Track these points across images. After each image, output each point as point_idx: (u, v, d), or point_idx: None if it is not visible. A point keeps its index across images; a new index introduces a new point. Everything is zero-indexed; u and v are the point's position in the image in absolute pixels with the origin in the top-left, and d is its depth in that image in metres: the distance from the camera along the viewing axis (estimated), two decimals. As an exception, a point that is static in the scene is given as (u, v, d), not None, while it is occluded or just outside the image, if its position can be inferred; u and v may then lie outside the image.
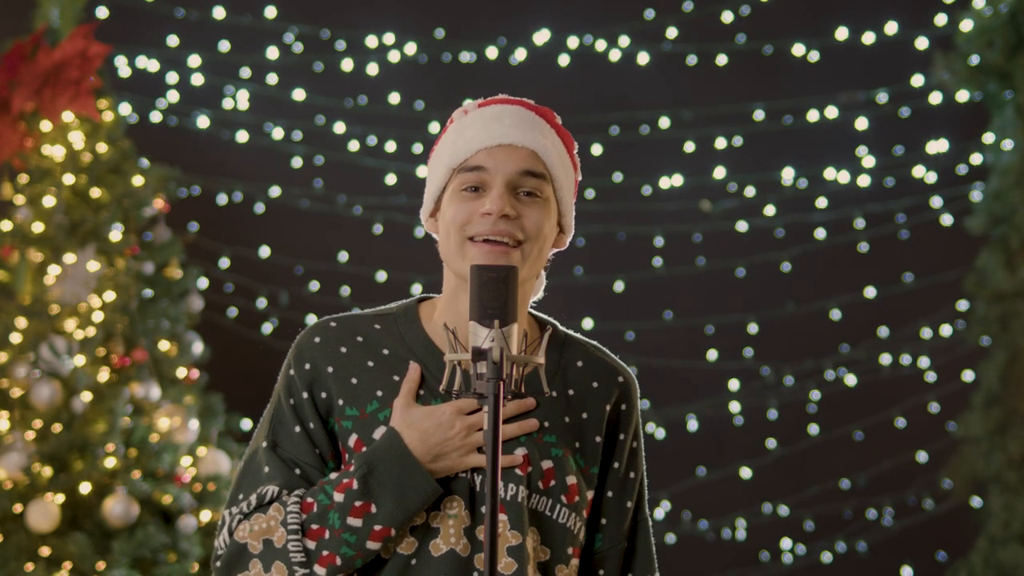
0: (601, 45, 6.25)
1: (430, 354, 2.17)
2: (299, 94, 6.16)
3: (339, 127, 6.20)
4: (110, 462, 4.73)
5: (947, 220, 6.34)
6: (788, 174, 6.30)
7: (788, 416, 6.32)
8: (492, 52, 6.22)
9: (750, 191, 6.32)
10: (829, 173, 6.30)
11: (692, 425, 6.30)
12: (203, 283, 5.93)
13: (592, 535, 2.20)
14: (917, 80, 6.25)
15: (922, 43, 6.24)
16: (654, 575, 2.23)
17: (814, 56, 6.28)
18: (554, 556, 2.15)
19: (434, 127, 6.24)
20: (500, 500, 2.08)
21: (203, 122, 6.10)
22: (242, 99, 6.16)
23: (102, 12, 5.94)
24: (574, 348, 2.22)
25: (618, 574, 2.21)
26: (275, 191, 6.20)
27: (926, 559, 6.36)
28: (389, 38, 6.20)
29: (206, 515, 4.93)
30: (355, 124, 6.22)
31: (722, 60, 6.31)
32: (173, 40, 6.11)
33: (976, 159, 6.26)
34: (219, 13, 6.12)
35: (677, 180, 6.26)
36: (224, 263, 6.17)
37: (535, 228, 2.11)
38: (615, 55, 6.25)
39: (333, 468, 2.15)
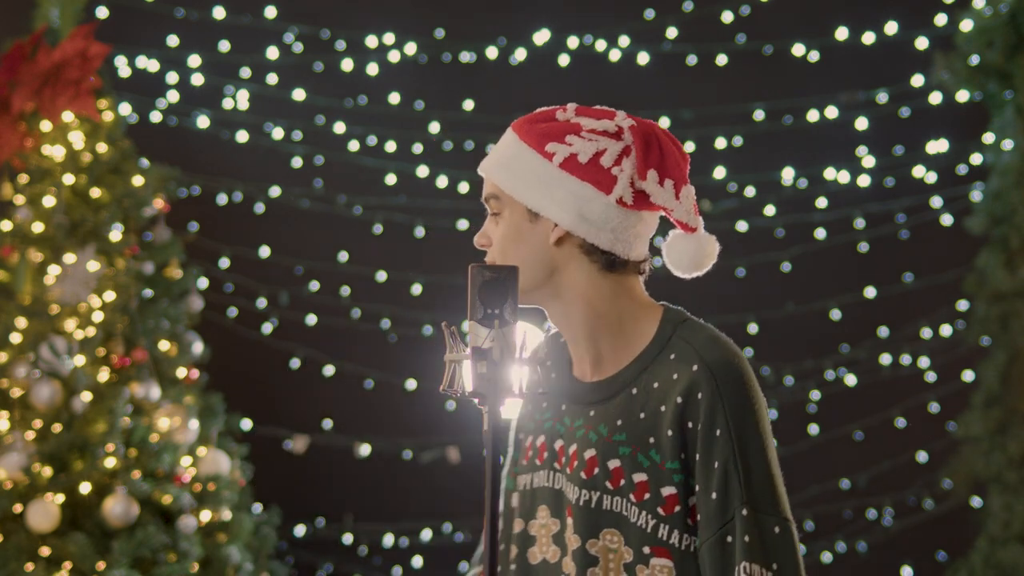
0: (601, 45, 6.25)
1: (563, 363, 2.33)
2: (299, 94, 6.16)
3: (339, 127, 6.20)
4: (110, 462, 4.73)
5: (947, 220, 6.34)
6: (788, 174, 6.30)
7: (788, 416, 6.32)
8: (492, 52, 6.22)
9: (750, 191, 6.32)
10: (829, 173, 6.29)
11: (692, 425, 6.30)
12: (203, 283, 5.93)
13: (698, 533, 2.14)
14: (917, 80, 6.25)
15: (922, 43, 6.24)
16: (742, 563, 2.08)
17: (814, 56, 6.28)
18: (635, 556, 2.15)
19: (434, 127, 6.24)
20: (568, 503, 2.18)
21: (203, 122, 6.10)
22: (242, 99, 6.16)
23: (102, 12, 5.94)
24: (676, 342, 2.19)
25: (714, 571, 2.11)
26: (275, 191, 6.20)
27: (926, 559, 6.36)
28: (389, 38, 6.20)
29: (206, 515, 4.93)
30: (355, 124, 6.22)
31: (722, 60, 6.31)
32: (173, 40, 6.11)
33: (976, 159, 6.26)
34: (219, 13, 6.12)
35: (677, 180, 6.25)
36: (224, 263, 6.17)
37: (498, 247, 2.24)
38: (615, 55, 6.25)
39: None
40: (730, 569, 2.08)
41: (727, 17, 6.28)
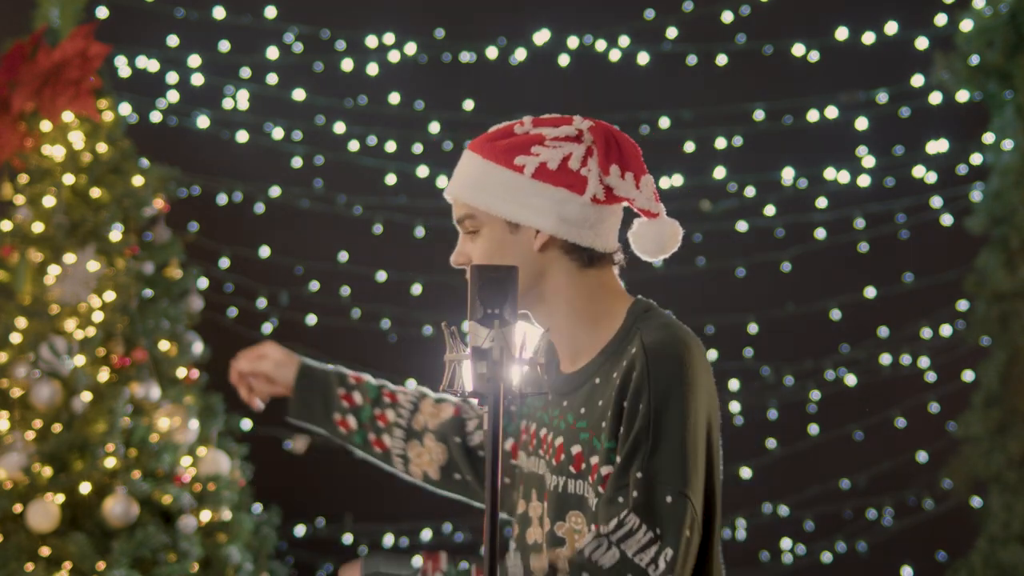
0: (601, 45, 6.25)
1: (551, 353, 2.40)
2: (299, 94, 6.16)
3: (339, 127, 6.20)
4: (110, 462, 4.73)
5: (947, 220, 6.34)
6: (788, 174, 6.30)
7: (788, 416, 6.32)
8: (492, 52, 6.22)
9: (750, 191, 6.32)
10: (829, 173, 6.30)
11: (692, 425, 6.29)
12: (203, 283, 5.93)
13: None
14: (917, 80, 6.25)
15: (922, 43, 6.24)
16: (621, 514, 2.13)
17: (814, 56, 6.28)
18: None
19: (434, 127, 6.24)
20: (546, 490, 2.31)
21: (203, 122, 6.10)
22: (242, 99, 6.16)
23: (102, 12, 5.94)
24: (635, 331, 2.27)
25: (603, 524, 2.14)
26: (275, 191, 6.20)
27: (926, 559, 6.36)
28: (389, 38, 6.20)
29: (206, 515, 4.93)
30: (355, 124, 6.22)
31: (722, 60, 6.31)
32: (173, 40, 6.11)
33: (976, 159, 6.26)
34: (219, 13, 6.12)
35: (677, 180, 6.26)
36: (224, 263, 6.17)
37: (483, 261, 2.30)
38: (615, 55, 6.25)
39: None
40: (614, 518, 2.12)
41: (727, 17, 6.28)
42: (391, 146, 6.23)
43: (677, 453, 2.15)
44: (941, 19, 6.24)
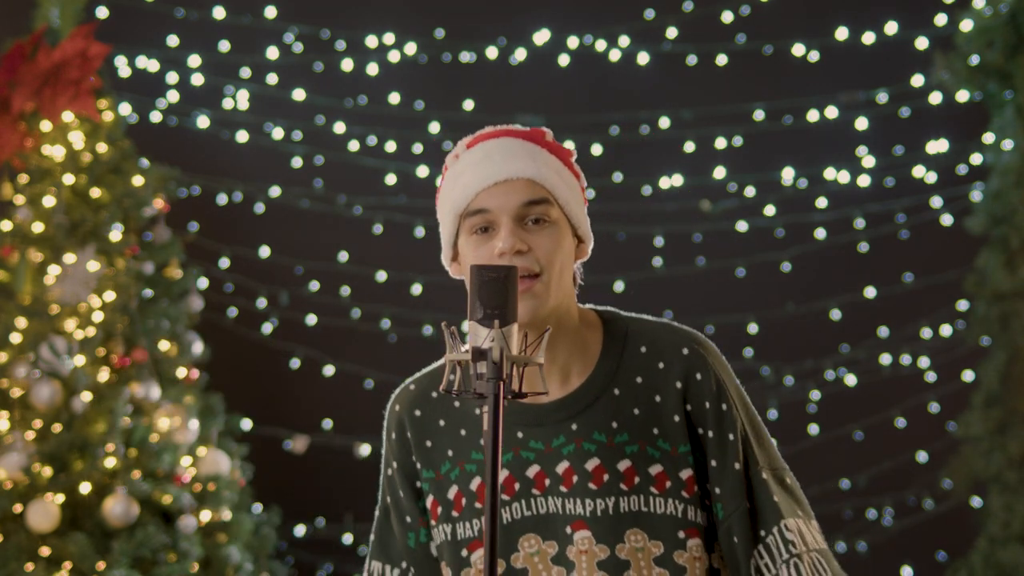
0: (601, 45, 6.24)
1: None
2: (299, 94, 6.16)
3: (339, 127, 6.19)
4: (110, 462, 4.73)
5: (947, 220, 6.34)
6: (788, 174, 6.30)
7: (788, 416, 6.32)
8: (492, 52, 6.22)
9: (750, 191, 6.31)
10: (829, 173, 6.29)
11: (692, 425, 6.29)
12: (203, 283, 5.93)
13: (715, 508, 2.21)
14: (917, 80, 6.25)
15: (922, 43, 6.24)
16: (781, 521, 2.19)
17: (814, 56, 6.28)
18: (667, 547, 2.18)
19: (434, 127, 6.24)
20: (582, 518, 2.18)
21: (203, 122, 6.10)
22: (242, 99, 6.16)
23: (102, 12, 5.94)
24: (636, 337, 2.23)
25: (749, 535, 2.19)
26: (275, 191, 6.20)
27: (926, 559, 6.36)
28: (389, 38, 6.20)
29: (206, 515, 4.93)
30: (355, 124, 6.22)
31: (722, 60, 6.31)
32: (173, 40, 6.11)
33: (976, 159, 6.26)
34: (219, 13, 6.12)
35: (677, 180, 6.26)
36: (224, 263, 6.17)
37: (548, 255, 2.15)
38: (615, 55, 6.25)
39: (425, 533, 2.29)
40: (768, 530, 2.18)
41: (727, 17, 6.28)
42: (391, 146, 6.23)
43: (768, 436, 2.25)
44: (941, 19, 6.24)
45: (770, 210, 6.31)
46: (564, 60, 6.24)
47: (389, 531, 2.33)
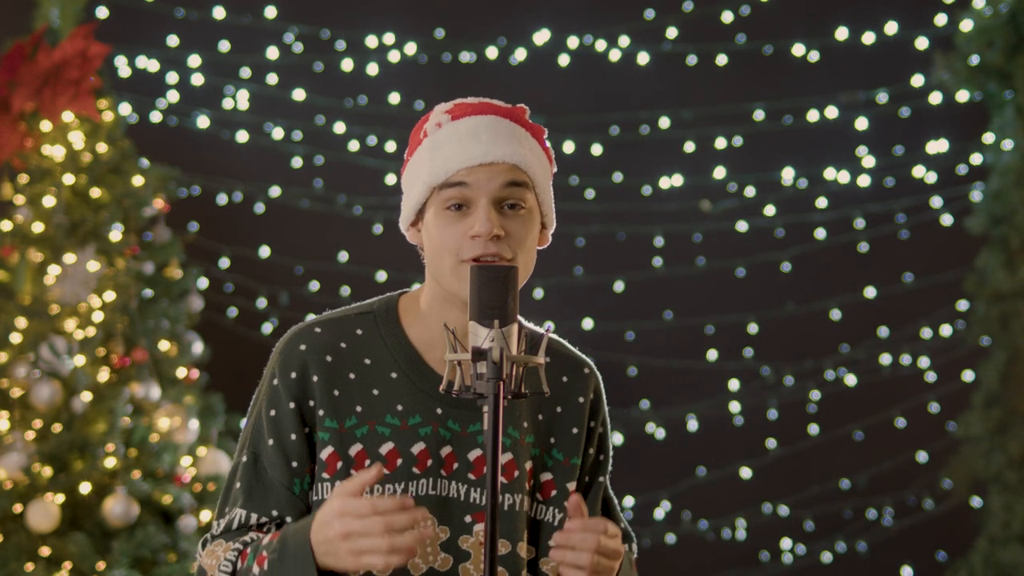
0: (601, 45, 6.25)
1: (412, 363, 2.18)
2: (299, 94, 6.16)
3: (339, 127, 6.20)
4: (110, 462, 4.73)
5: (947, 220, 6.34)
6: (788, 174, 6.30)
7: (788, 416, 6.32)
8: (492, 52, 6.22)
9: (750, 191, 6.32)
10: (829, 173, 6.30)
11: (692, 425, 6.30)
12: (203, 283, 5.93)
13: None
14: (917, 80, 6.25)
15: (922, 43, 6.24)
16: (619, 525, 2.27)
17: (814, 56, 6.28)
18: (539, 553, 2.19)
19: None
20: (472, 511, 2.14)
21: (203, 122, 6.10)
22: (242, 99, 6.16)
23: (102, 12, 5.94)
24: (538, 345, 2.16)
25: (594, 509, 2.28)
26: (275, 191, 6.20)
27: (926, 559, 6.36)
28: (389, 38, 6.20)
29: (206, 515, 4.93)
30: (355, 124, 6.22)
31: (722, 60, 6.31)
32: (173, 40, 6.11)
33: (976, 159, 6.26)
34: (219, 13, 6.12)
35: (677, 180, 6.26)
36: (224, 263, 6.17)
37: (520, 243, 2.12)
38: (615, 55, 6.25)
39: (309, 481, 2.14)
40: (615, 517, 2.29)
41: (727, 17, 6.28)
42: (391, 146, 6.23)
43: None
44: (941, 19, 6.24)
45: (770, 210, 6.32)
46: (564, 60, 6.24)
47: (258, 478, 2.13)
